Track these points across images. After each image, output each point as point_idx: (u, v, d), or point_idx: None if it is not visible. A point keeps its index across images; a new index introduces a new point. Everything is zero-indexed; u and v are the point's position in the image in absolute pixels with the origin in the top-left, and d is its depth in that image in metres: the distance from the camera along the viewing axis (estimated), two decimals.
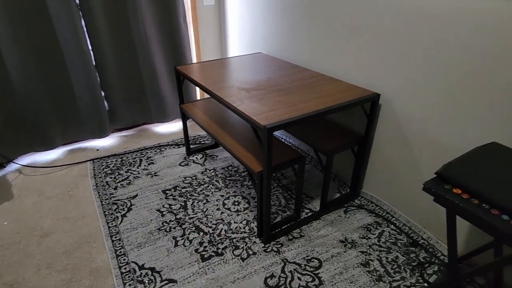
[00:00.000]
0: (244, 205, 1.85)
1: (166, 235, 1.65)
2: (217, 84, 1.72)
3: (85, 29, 2.20)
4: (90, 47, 2.26)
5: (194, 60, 2.81)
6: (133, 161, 2.27)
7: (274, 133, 1.32)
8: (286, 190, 1.98)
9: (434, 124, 1.43)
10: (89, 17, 2.18)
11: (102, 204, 1.86)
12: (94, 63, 2.32)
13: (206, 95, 2.97)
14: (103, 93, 2.44)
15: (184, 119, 2.22)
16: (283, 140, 2.51)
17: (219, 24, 2.81)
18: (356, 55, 1.69)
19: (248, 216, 1.77)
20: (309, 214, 1.78)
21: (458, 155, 1.36)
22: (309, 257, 1.51)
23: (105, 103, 2.48)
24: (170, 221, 1.74)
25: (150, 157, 2.33)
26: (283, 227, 1.67)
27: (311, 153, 2.30)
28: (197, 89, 2.92)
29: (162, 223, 1.72)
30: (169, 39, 2.51)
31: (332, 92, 1.60)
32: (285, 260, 1.50)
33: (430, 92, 1.40)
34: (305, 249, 1.56)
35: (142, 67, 2.48)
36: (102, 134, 2.51)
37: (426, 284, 1.37)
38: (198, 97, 2.95)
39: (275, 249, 1.56)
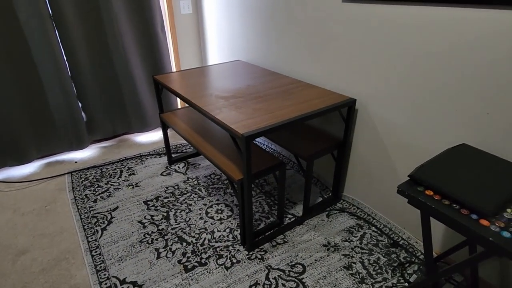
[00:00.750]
0: (227, 213, 1.85)
1: (148, 247, 1.62)
2: (196, 93, 1.72)
3: (59, 39, 2.16)
4: (65, 58, 2.22)
5: (174, 69, 2.79)
6: (113, 173, 2.23)
7: (255, 140, 1.33)
8: (269, 196, 1.98)
9: (407, 127, 1.47)
10: (63, 27, 2.14)
11: (81, 218, 1.81)
12: (69, 74, 2.27)
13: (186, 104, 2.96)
14: (80, 104, 2.39)
15: (165, 128, 2.20)
16: (264, 146, 2.53)
17: (198, 33, 2.81)
18: (332, 61, 1.73)
19: (232, 224, 1.76)
20: (292, 219, 1.79)
21: (427, 155, 1.41)
22: (293, 263, 1.52)
23: (83, 114, 2.43)
24: (152, 232, 1.71)
25: (131, 167, 2.29)
26: (266, 234, 1.68)
27: (293, 158, 2.32)
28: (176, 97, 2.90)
29: (144, 235, 1.69)
30: (147, 48, 2.49)
31: (309, 98, 1.62)
32: (269, 267, 1.50)
33: (403, 97, 1.44)
34: (288, 255, 1.57)
35: (120, 76, 2.45)
36: (80, 146, 2.45)
37: (407, 284, 1.40)
38: (179, 106, 2.93)
39: (259, 256, 1.56)
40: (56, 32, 2.14)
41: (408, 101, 1.43)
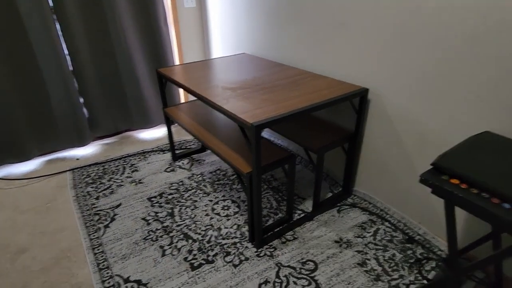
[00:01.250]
0: (234, 209, 1.78)
1: (152, 245, 1.56)
2: (202, 85, 1.65)
3: (60, 33, 2.10)
4: (66, 52, 2.16)
5: (177, 63, 2.73)
6: (115, 169, 2.17)
7: (262, 131, 1.26)
8: (277, 192, 1.92)
9: (424, 116, 1.40)
10: (64, 21, 2.09)
11: (83, 216, 1.75)
12: (71, 68, 2.22)
13: (191, 98, 2.90)
14: (81, 100, 2.34)
15: (169, 123, 2.14)
16: (271, 140, 2.46)
17: (201, 26, 2.75)
18: (341, 50, 1.66)
19: (239, 220, 1.70)
20: (302, 215, 1.72)
21: (447, 145, 1.34)
22: (304, 260, 1.45)
23: (84, 110, 2.37)
24: (157, 229, 1.65)
25: (134, 164, 2.23)
26: (275, 230, 1.61)
27: (301, 153, 2.25)
28: (181, 92, 2.84)
29: (148, 232, 1.63)
30: (149, 42, 2.44)
31: (318, 89, 1.55)
32: (279, 264, 1.43)
33: (419, 84, 1.37)
34: (299, 251, 1.50)
35: (122, 71, 2.39)
36: (82, 143, 2.39)
37: (425, 281, 1.33)
38: (182, 100, 2.87)
39: (268, 253, 1.50)
40: (57, 26, 2.08)
41: (425, 88, 1.36)
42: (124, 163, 2.24)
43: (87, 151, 2.41)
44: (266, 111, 1.31)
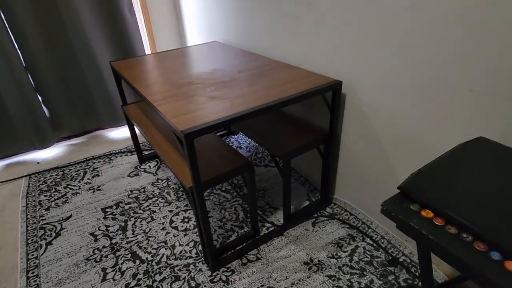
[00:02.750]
0: (194, 222, 1.56)
1: (94, 266, 1.36)
2: (148, 80, 1.42)
3: (6, 24, 1.89)
4: (16, 46, 1.95)
5: (148, 52, 2.49)
6: (75, 174, 1.98)
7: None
8: (246, 200, 1.68)
9: (408, 115, 1.13)
10: (8, 10, 1.87)
11: (27, 230, 1.57)
12: (23, 64, 2.01)
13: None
14: (40, 98, 2.14)
15: (130, 123, 1.92)
16: (248, 142, 2.22)
17: (175, 11, 2.49)
18: (311, 36, 1.38)
19: (197, 236, 1.48)
20: (271, 229, 1.49)
21: (436, 151, 1.07)
22: (264, 287, 1.23)
23: (44, 109, 2.18)
24: (104, 247, 1.45)
25: (97, 168, 2.03)
26: (237, 248, 1.39)
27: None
28: None
29: (93, 251, 1.44)
30: (113, 31, 2.20)
31: (282, 82, 1.29)
32: None
33: (401, 78, 1.10)
34: (260, 276, 1.27)
35: (83, 65, 2.17)
36: (44, 145, 2.21)
37: None
38: None
39: (223, 278, 1.28)
40: (2, 16, 1.87)
41: (409, 82, 1.08)
42: (86, 167, 2.05)
43: (50, 153, 2.23)
44: (207, 114, 1.07)
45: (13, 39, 1.94)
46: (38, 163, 2.13)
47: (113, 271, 1.34)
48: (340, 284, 1.22)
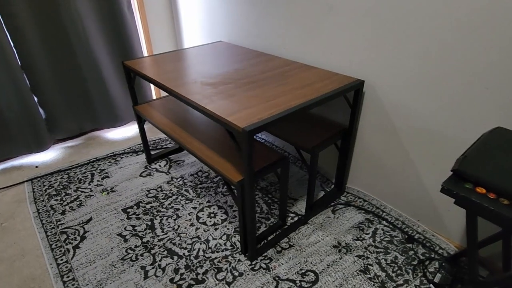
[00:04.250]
0: (221, 216, 1.62)
1: (132, 266, 1.37)
2: (176, 80, 1.45)
3: (2, 21, 1.78)
4: (12, 44, 1.84)
5: (145, 53, 2.47)
6: (83, 177, 1.93)
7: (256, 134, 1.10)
8: (266, 193, 1.78)
9: (424, 109, 1.30)
10: (6, 8, 1.76)
11: (47, 236, 1.52)
12: (19, 63, 1.91)
13: (163, 93, 2.65)
14: (36, 99, 2.04)
15: (140, 122, 1.91)
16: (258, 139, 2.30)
17: (171, 11, 2.48)
18: (331, 37, 1.51)
19: (228, 229, 1.54)
20: (295, 219, 1.60)
21: (452, 141, 1.25)
22: (303, 271, 1.34)
23: (40, 110, 2.08)
24: (136, 246, 1.46)
25: (104, 169, 1.99)
26: (269, 239, 1.48)
27: (287, 149, 2.12)
28: (152, 86, 2.59)
29: (126, 251, 1.44)
30: (113, 30, 2.15)
31: (310, 82, 1.40)
32: (277, 278, 1.31)
33: (418, 75, 1.26)
34: (297, 261, 1.38)
35: (82, 64, 2.10)
36: (40, 148, 2.11)
37: (431, 285, 1.26)
38: (154, 95, 2.62)
39: (263, 265, 1.37)
40: None
41: (425, 79, 1.25)
42: (93, 169, 2.00)
43: (47, 156, 2.13)
44: (257, 112, 1.15)
45: (9, 37, 1.83)
46: (36, 167, 2.02)
47: (153, 268, 1.36)
48: (369, 262, 1.37)
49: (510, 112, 1.08)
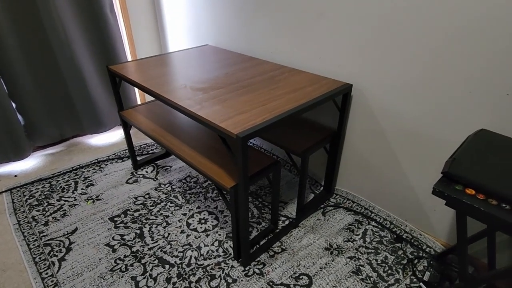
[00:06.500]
0: (212, 222, 1.61)
1: (122, 277, 1.33)
2: (165, 85, 1.42)
3: None
4: None
5: (129, 57, 2.41)
6: (66, 185, 1.86)
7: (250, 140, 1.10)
8: (256, 197, 1.77)
9: (410, 112, 1.34)
10: None
11: (30, 248, 1.46)
12: None
13: (148, 98, 2.60)
14: (14, 105, 1.95)
15: (126, 128, 1.87)
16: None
17: (155, 14, 2.44)
18: (320, 42, 1.53)
19: (219, 235, 1.53)
20: (287, 222, 1.60)
21: (438, 142, 1.29)
22: (296, 274, 1.34)
23: (19, 116, 1.99)
24: (125, 256, 1.42)
25: (88, 177, 1.93)
26: (261, 243, 1.48)
27: (276, 152, 2.12)
28: (136, 90, 2.53)
29: (115, 261, 1.40)
30: (95, 32, 2.09)
31: (301, 86, 1.42)
32: (271, 283, 1.30)
33: (405, 79, 1.30)
34: (290, 265, 1.38)
35: (63, 69, 2.03)
36: (19, 156, 2.02)
37: (421, 284, 1.30)
38: (139, 100, 2.56)
39: (257, 271, 1.36)
40: None
41: (412, 83, 1.29)
42: (76, 177, 1.93)
43: (27, 165, 2.04)
44: (249, 117, 1.15)
45: None
46: (15, 176, 1.94)
47: (144, 278, 1.33)
48: (361, 263, 1.39)
49: (492, 114, 1.13)
